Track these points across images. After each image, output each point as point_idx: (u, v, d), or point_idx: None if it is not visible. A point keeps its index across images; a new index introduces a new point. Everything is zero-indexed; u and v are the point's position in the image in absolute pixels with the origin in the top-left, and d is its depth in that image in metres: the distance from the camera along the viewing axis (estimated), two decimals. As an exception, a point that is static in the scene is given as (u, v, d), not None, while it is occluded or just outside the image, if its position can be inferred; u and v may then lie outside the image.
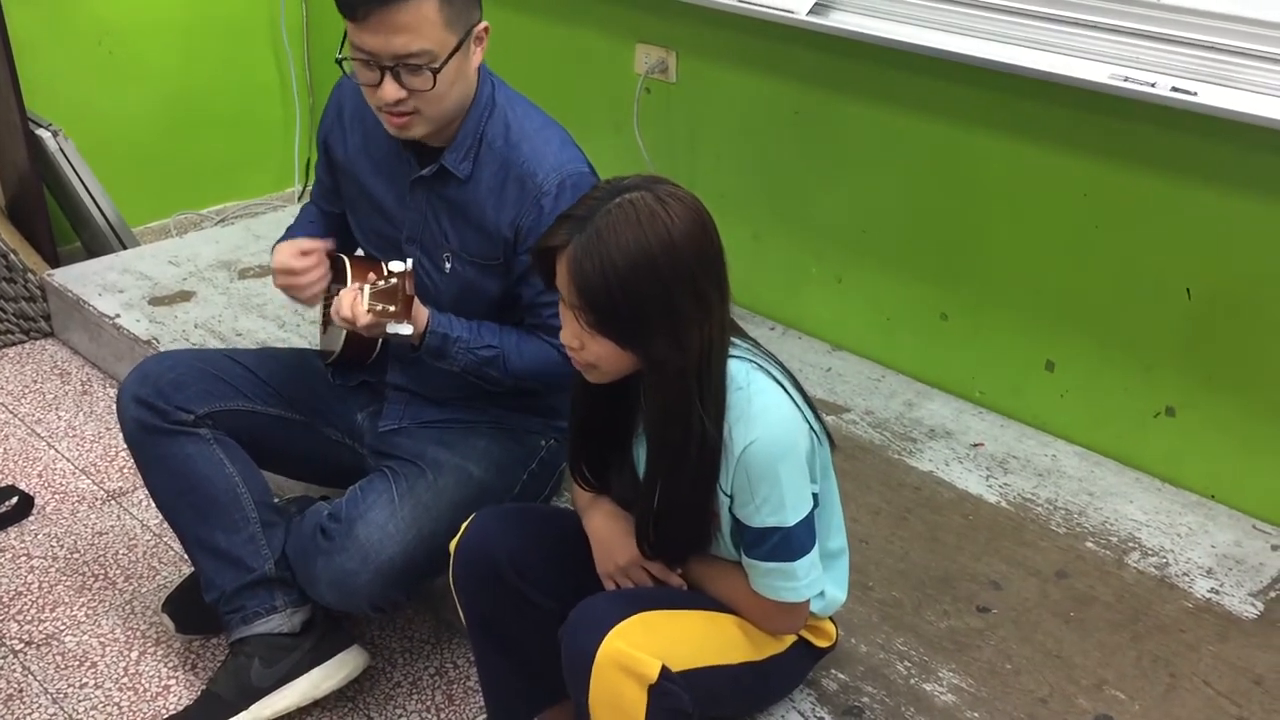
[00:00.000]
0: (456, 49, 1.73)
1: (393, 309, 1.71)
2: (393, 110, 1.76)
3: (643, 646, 1.46)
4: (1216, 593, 2.03)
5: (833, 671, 1.84)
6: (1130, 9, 2.09)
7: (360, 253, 2.07)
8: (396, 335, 1.75)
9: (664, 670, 1.46)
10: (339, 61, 1.79)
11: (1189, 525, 2.19)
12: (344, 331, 1.92)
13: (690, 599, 1.62)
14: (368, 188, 1.97)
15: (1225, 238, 2.13)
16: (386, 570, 1.82)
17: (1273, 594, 2.03)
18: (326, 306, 2.04)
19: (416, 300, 1.80)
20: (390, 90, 1.73)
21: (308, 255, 1.90)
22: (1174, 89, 2.03)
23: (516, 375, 1.89)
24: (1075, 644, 1.91)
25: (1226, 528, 2.19)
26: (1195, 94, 2.01)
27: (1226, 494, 2.25)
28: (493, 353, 1.86)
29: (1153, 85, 2.05)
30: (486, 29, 1.80)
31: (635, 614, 1.50)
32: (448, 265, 1.92)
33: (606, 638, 1.46)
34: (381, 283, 1.73)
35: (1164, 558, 2.11)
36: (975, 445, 2.41)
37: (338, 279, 2.00)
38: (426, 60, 1.71)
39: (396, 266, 1.73)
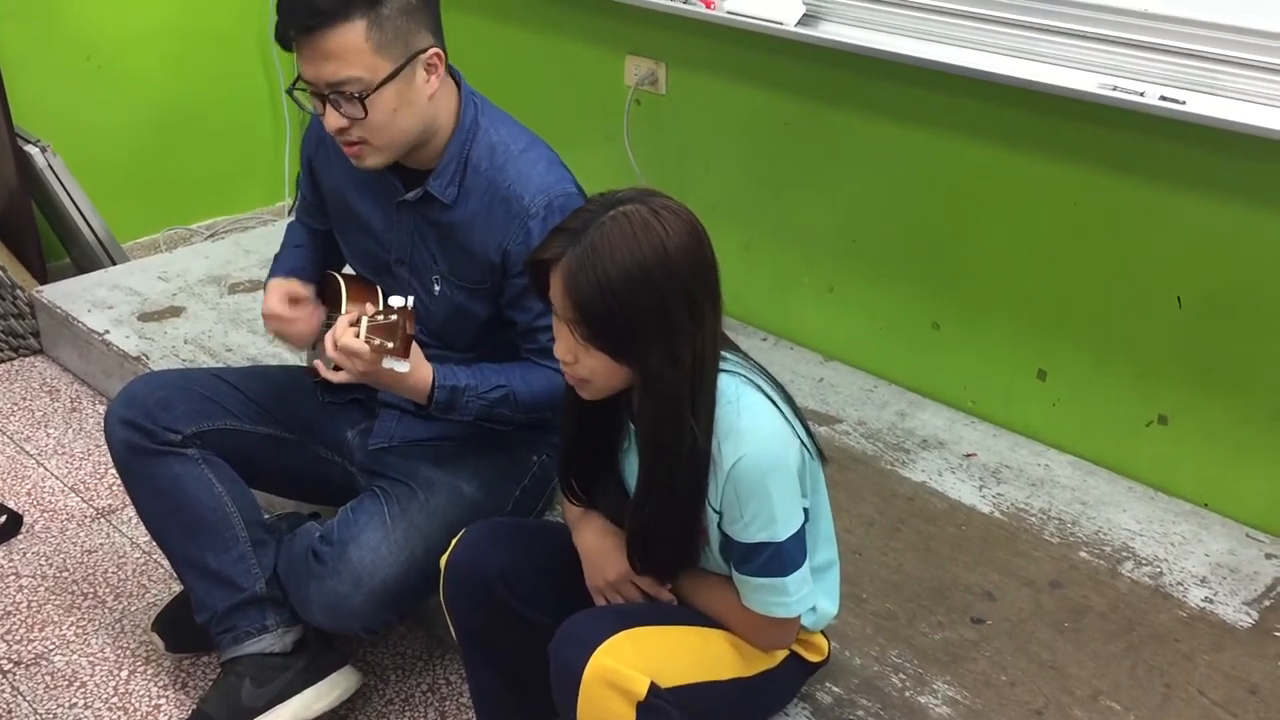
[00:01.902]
0: (392, 76, 1.71)
1: (391, 345, 1.68)
2: (341, 140, 1.76)
3: (631, 663, 1.46)
4: (1211, 602, 2.02)
5: (827, 685, 1.83)
6: (1118, 18, 2.09)
7: (350, 270, 2.06)
8: (392, 371, 1.71)
9: (653, 687, 1.45)
10: (290, 93, 1.78)
11: (1183, 534, 2.19)
12: None
13: (680, 614, 1.62)
14: (355, 209, 1.96)
15: (1215, 245, 2.13)
16: (380, 593, 1.81)
17: (1267, 603, 2.02)
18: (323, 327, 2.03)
19: (421, 357, 1.77)
20: (332, 119, 1.73)
21: (299, 304, 1.90)
22: (1162, 98, 2.03)
23: (527, 408, 1.87)
24: (1070, 654, 1.90)
25: (1220, 536, 2.18)
26: (1184, 103, 2.01)
27: (1220, 502, 2.25)
28: (502, 392, 1.84)
29: (1141, 94, 2.05)
30: (439, 55, 1.77)
31: (623, 630, 1.49)
32: (437, 288, 1.91)
33: (594, 654, 1.45)
34: (380, 317, 1.69)
35: (1158, 567, 2.10)
36: (968, 455, 2.41)
37: (332, 300, 1.99)
38: (358, 88, 1.69)
39: (396, 302, 1.69)
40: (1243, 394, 2.17)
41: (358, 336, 1.68)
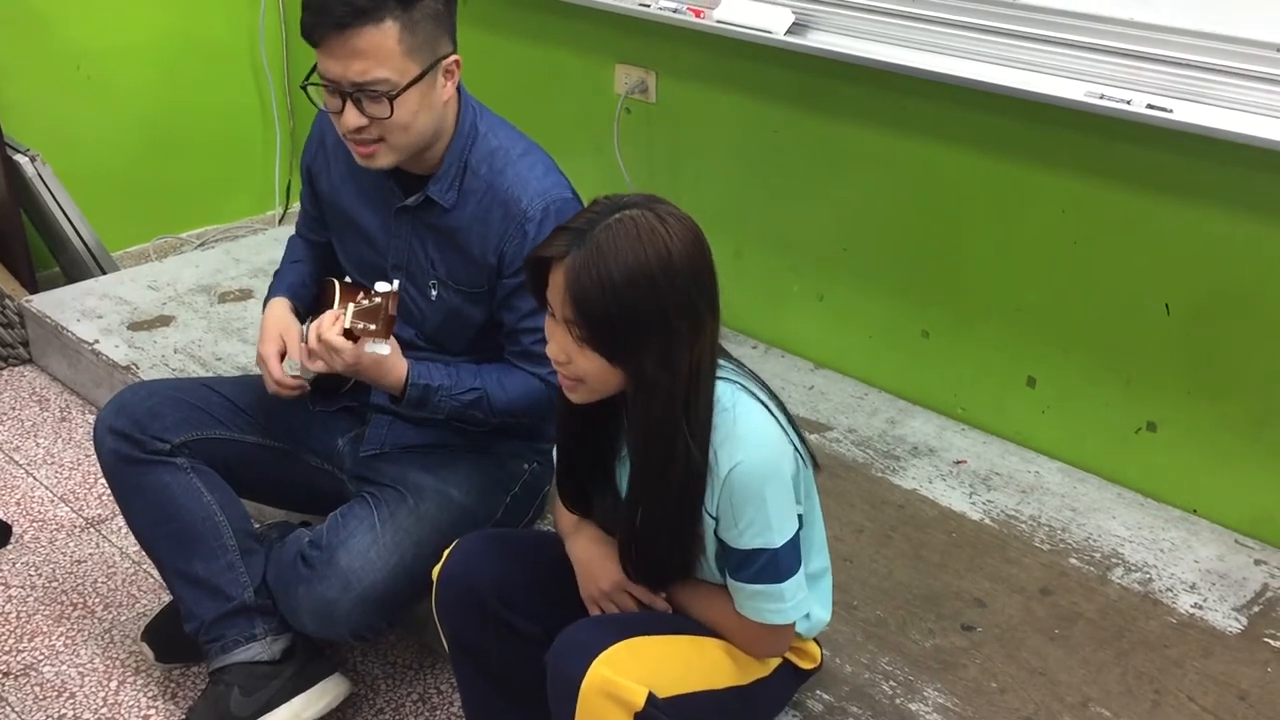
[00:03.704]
0: (418, 79, 1.72)
1: (373, 328, 1.71)
2: (357, 139, 1.76)
3: (629, 673, 1.45)
4: (1200, 608, 2.03)
5: (818, 692, 1.83)
6: (1105, 27, 2.10)
7: (348, 279, 2.06)
8: (373, 355, 1.74)
9: (650, 698, 1.45)
10: (304, 87, 1.79)
11: (1172, 541, 2.19)
12: None
13: (675, 623, 1.61)
14: (353, 216, 1.97)
15: (1203, 252, 2.14)
16: (368, 597, 1.81)
17: (1256, 609, 2.03)
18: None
19: (397, 352, 1.79)
20: (351, 117, 1.73)
21: (295, 387, 1.89)
22: (1149, 106, 2.04)
23: (501, 412, 1.88)
24: (1060, 661, 1.91)
25: (1209, 543, 2.19)
26: (1171, 111, 2.02)
27: (1209, 509, 2.25)
28: (475, 395, 1.86)
29: (1128, 102, 2.06)
30: (458, 62, 1.79)
31: (621, 640, 1.49)
32: (433, 292, 1.92)
33: (593, 665, 1.45)
34: (365, 301, 1.72)
35: (1148, 573, 2.11)
36: (958, 462, 2.42)
37: (325, 303, 2.00)
38: (385, 88, 1.71)
39: (382, 287, 1.73)
40: (1232, 401, 2.18)
41: (345, 321, 1.70)
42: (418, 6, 1.70)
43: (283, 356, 1.92)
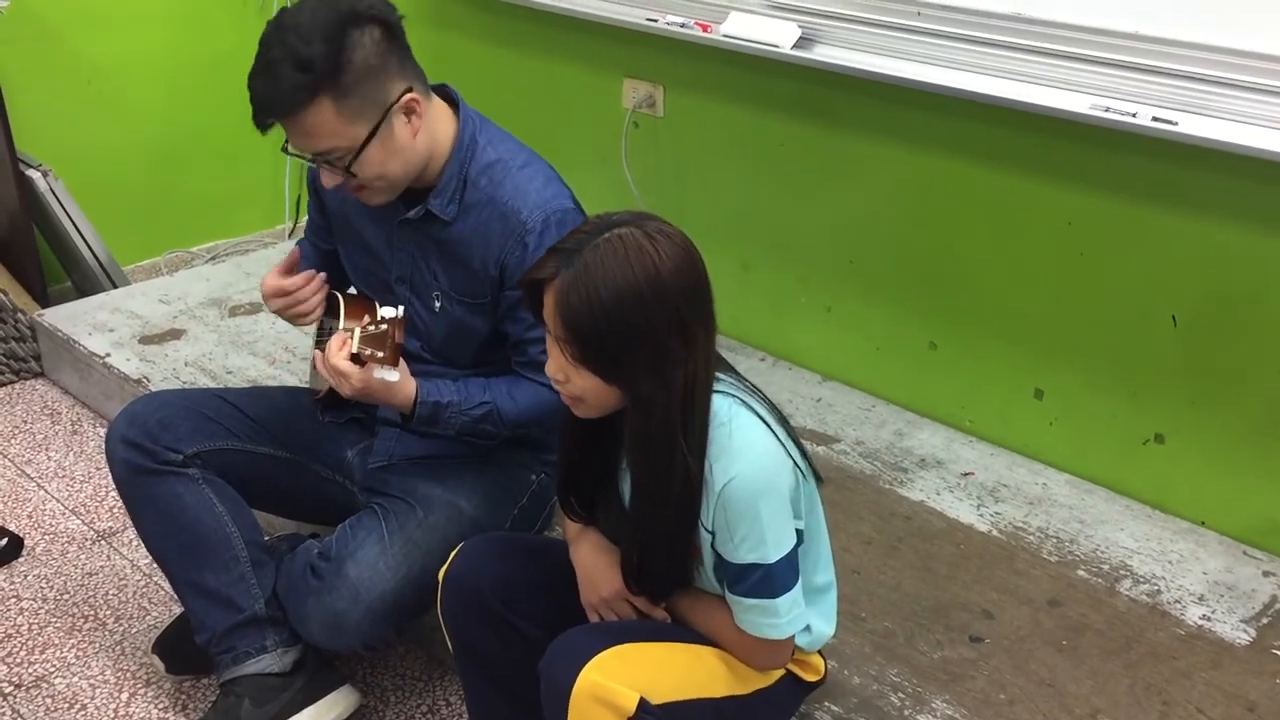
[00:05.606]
0: (370, 137, 1.73)
1: (381, 354, 1.73)
2: (343, 187, 1.80)
3: (620, 679, 1.46)
4: (1208, 619, 2.03)
5: (826, 704, 1.83)
6: (1111, 41, 2.11)
7: (353, 291, 2.08)
8: (382, 381, 1.75)
9: (642, 703, 1.45)
10: (285, 150, 1.81)
11: (1180, 552, 2.19)
12: None
13: (672, 632, 1.62)
14: (358, 229, 1.99)
15: (1209, 264, 2.14)
16: (378, 608, 1.82)
17: (1265, 620, 2.03)
18: (318, 345, 2.05)
19: (406, 371, 1.81)
20: (327, 178, 1.79)
21: (295, 275, 1.91)
22: (1155, 119, 2.05)
23: (512, 424, 1.89)
24: (1068, 673, 1.91)
25: (1217, 554, 2.19)
26: (1176, 123, 2.03)
27: (1217, 520, 2.25)
28: (485, 409, 1.87)
29: (1134, 115, 2.07)
30: (415, 100, 1.76)
31: (613, 646, 1.50)
32: (437, 304, 1.93)
33: (583, 670, 1.46)
34: (372, 327, 1.74)
35: (1156, 585, 2.11)
36: (966, 474, 2.42)
37: (331, 315, 2.01)
38: (339, 156, 1.74)
39: (388, 312, 1.74)
40: (1239, 412, 2.18)
41: (351, 346, 1.72)
42: (347, 72, 1.69)
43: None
